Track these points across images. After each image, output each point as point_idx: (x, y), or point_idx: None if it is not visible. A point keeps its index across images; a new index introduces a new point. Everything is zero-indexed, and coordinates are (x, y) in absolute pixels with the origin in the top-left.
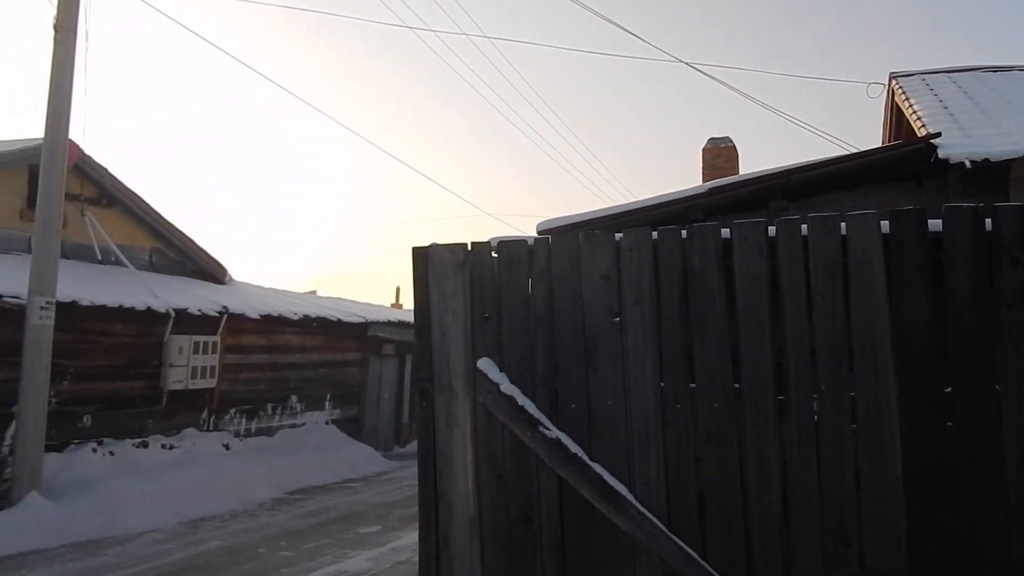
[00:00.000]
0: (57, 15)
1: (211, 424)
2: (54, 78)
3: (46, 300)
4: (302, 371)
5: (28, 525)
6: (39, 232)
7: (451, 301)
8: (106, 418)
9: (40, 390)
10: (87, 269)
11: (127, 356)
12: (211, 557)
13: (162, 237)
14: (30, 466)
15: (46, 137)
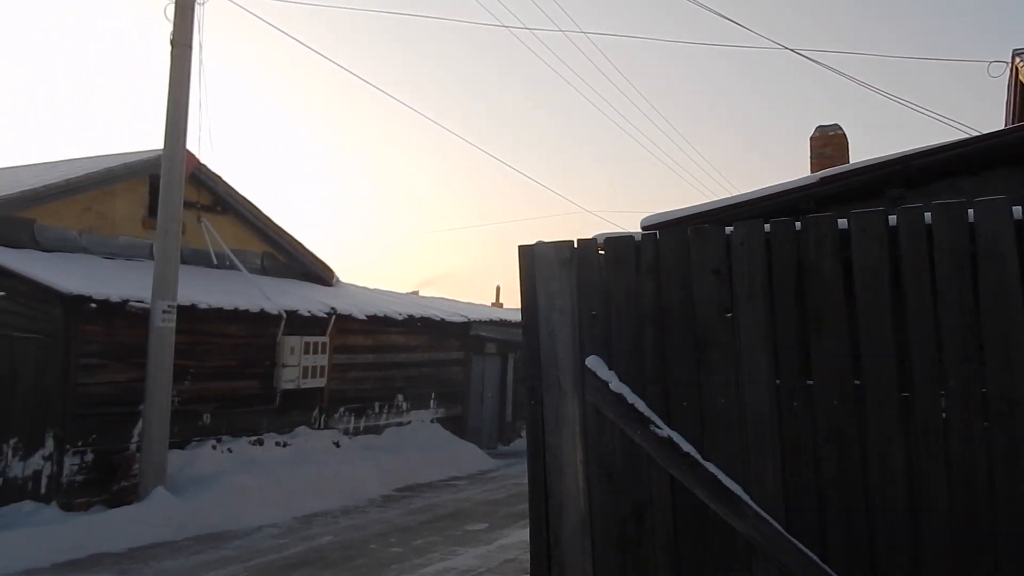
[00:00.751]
0: (174, 31)
1: (322, 422)
2: (172, 91)
3: (168, 304)
4: (407, 370)
5: (155, 518)
6: (160, 239)
7: (558, 299)
8: (224, 416)
9: (164, 389)
10: (204, 273)
11: (242, 356)
12: (325, 552)
13: (273, 241)
14: (156, 462)
15: (165, 148)
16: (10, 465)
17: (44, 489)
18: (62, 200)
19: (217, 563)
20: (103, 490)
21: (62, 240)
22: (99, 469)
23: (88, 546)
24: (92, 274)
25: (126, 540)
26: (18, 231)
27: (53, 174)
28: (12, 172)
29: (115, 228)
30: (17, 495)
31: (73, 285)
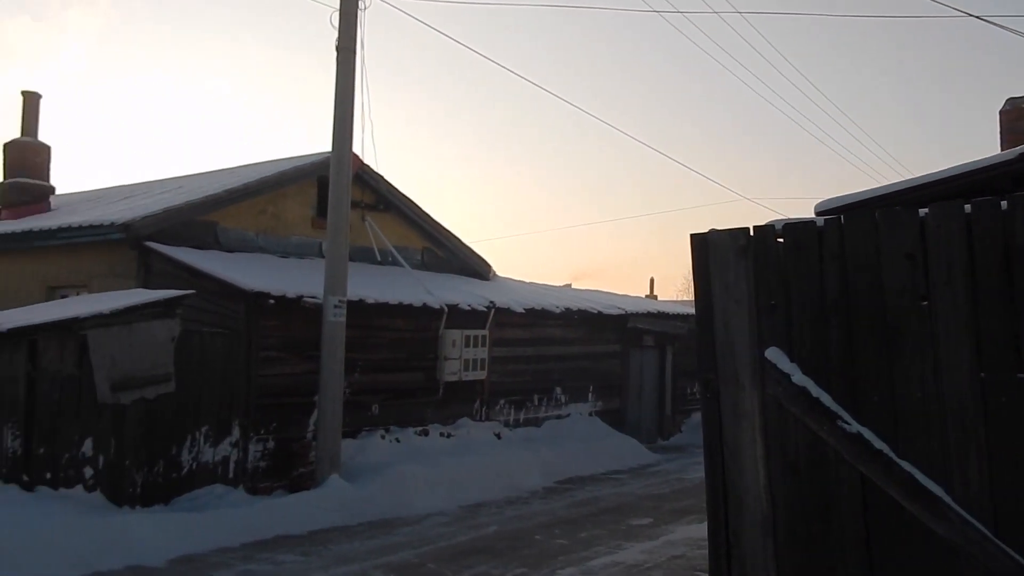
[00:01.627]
0: (339, 37)
1: (483, 414)
2: (338, 95)
3: (339, 299)
4: (565, 363)
5: (331, 504)
6: (330, 238)
7: (734, 289)
8: (391, 407)
9: (336, 381)
10: (368, 270)
11: (407, 350)
12: (491, 541)
13: (432, 238)
14: (331, 450)
15: (333, 150)
16: (202, 451)
17: (232, 474)
18: (240, 203)
19: (389, 548)
20: (283, 476)
21: (241, 241)
22: (279, 456)
23: (272, 528)
24: (269, 272)
25: (305, 524)
26: (203, 233)
27: (232, 179)
28: (196, 179)
29: (288, 228)
30: (209, 479)
31: (253, 283)
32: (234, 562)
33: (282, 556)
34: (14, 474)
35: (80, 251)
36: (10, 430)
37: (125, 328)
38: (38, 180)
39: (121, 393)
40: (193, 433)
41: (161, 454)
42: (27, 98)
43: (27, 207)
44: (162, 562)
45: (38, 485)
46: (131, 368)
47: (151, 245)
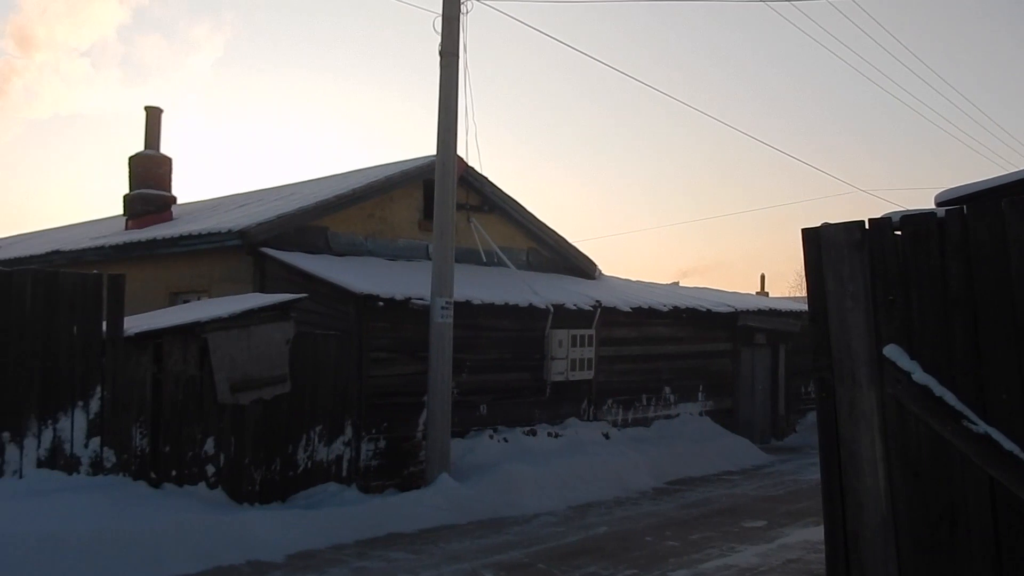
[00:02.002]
0: (442, 42)
1: (591, 414)
2: (442, 99)
3: (446, 301)
4: (673, 362)
5: (440, 502)
6: (436, 240)
7: (849, 284)
8: (499, 407)
9: (445, 381)
10: (474, 271)
11: (514, 349)
12: (601, 542)
13: (537, 238)
14: (440, 449)
15: (438, 154)
16: (316, 450)
17: (345, 472)
18: (350, 208)
19: (499, 547)
20: (394, 474)
21: (351, 244)
22: (390, 455)
23: (384, 526)
24: (378, 275)
25: (416, 522)
26: (315, 238)
27: (341, 185)
28: (307, 186)
29: (395, 231)
30: (323, 477)
31: (363, 285)
32: (348, 559)
33: (394, 553)
34: (142, 471)
35: (200, 257)
36: (138, 429)
37: (243, 331)
38: (160, 191)
39: (240, 394)
40: (308, 432)
41: (278, 453)
42: (150, 113)
43: (151, 216)
44: (281, 557)
45: (164, 482)
46: (249, 369)
47: (266, 251)
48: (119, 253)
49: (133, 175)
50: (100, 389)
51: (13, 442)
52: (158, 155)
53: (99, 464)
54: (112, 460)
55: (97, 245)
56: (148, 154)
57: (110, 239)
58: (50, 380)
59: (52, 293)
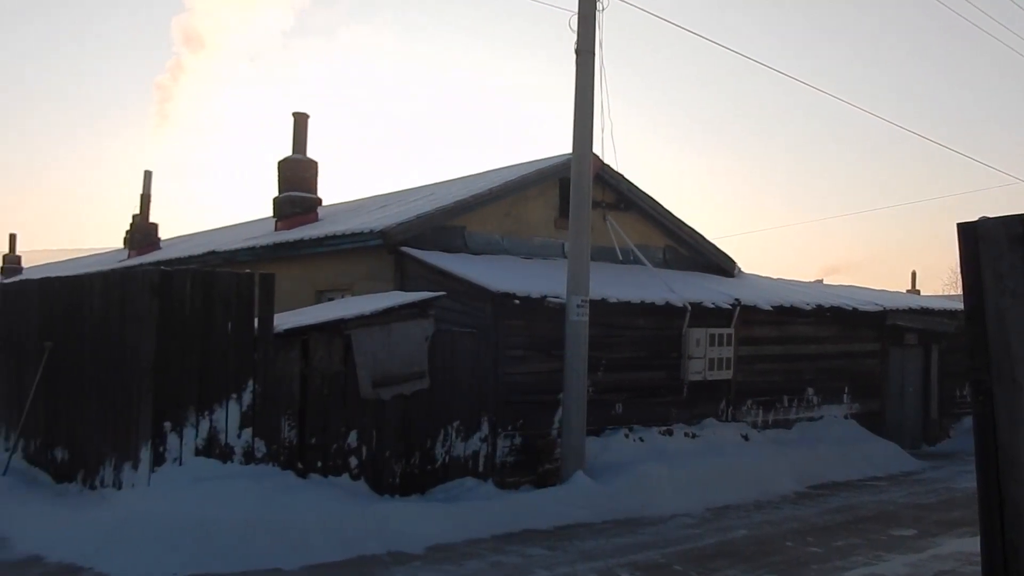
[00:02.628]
0: (578, 40)
1: (729, 414)
2: (578, 97)
3: (581, 299)
4: (817, 363)
5: (576, 500)
6: (572, 238)
7: (1008, 281)
8: (634, 406)
9: (580, 379)
10: (610, 269)
11: (649, 348)
12: (739, 546)
13: (674, 235)
14: (575, 448)
15: (574, 152)
16: (454, 445)
17: (481, 468)
18: (486, 208)
19: (634, 547)
20: (529, 471)
21: (487, 243)
22: (525, 452)
23: (519, 522)
24: (514, 273)
25: (551, 519)
26: (452, 237)
27: (478, 185)
28: (445, 186)
29: (530, 230)
30: (460, 472)
31: (499, 284)
32: (485, 553)
33: (530, 549)
34: (291, 461)
35: (343, 257)
36: (287, 421)
37: (384, 328)
38: (307, 193)
39: (381, 389)
40: (446, 428)
41: (417, 447)
42: (297, 119)
43: (297, 218)
44: (420, 549)
45: (311, 472)
46: (390, 366)
47: (405, 250)
48: (269, 253)
49: (282, 178)
50: (252, 383)
51: (174, 431)
52: (305, 159)
53: (251, 454)
54: (263, 450)
55: (249, 246)
56: (295, 158)
57: (261, 240)
58: (207, 374)
59: (209, 292)
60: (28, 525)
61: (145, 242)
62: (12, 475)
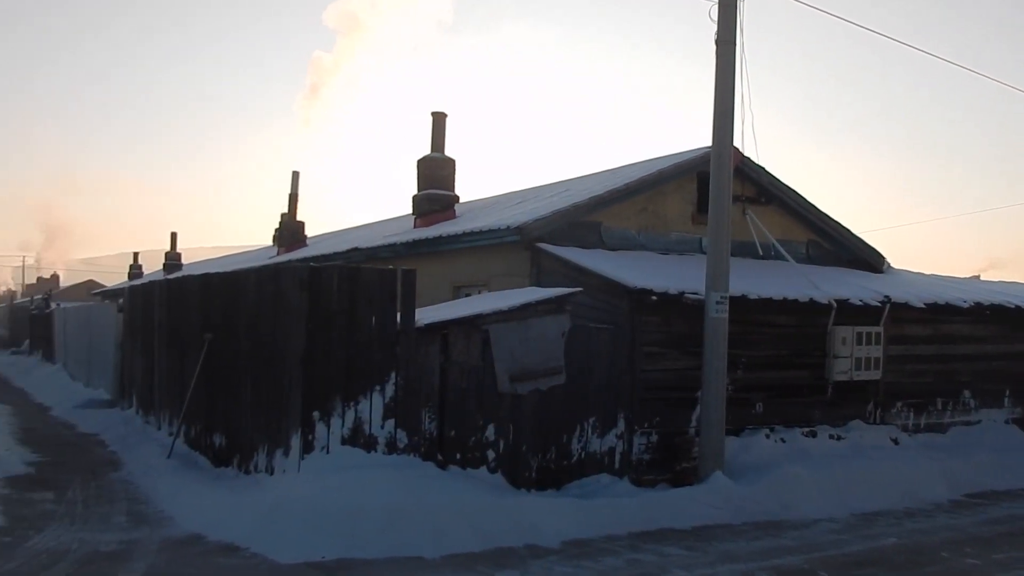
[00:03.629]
0: (718, 30)
1: (877, 417)
2: (718, 89)
3: (720, 295)
4: (974, 364)
5: (714, 501)
6: (711, 233)
7: None
8: (775, 406)
9: (719, 377)
10: (750, 264)
11: (791, 346)
12: (889, 554)
13: (817, 229)
14: (714, 447)
15: (713, 144)
16: (590, 441)
17: (617, 464)
18: (622, 203)
19: (776, 551)
20: (666, 470)
21: (623, 239)
22: (662, 450)
23: (656, 520)
24: (650, 269)
25: (688, 519)
26: (588, 233)
27: (614, 180)
28: (580, 181)
29: (667, 225)
30: (596, 468)
31: (636, 280)
32: (621, 550)
33: (667, 548)
34: (430, 453)
35: (480, 253)
36: (427, 413)
37: (521, 324)
38: (445, 190)
39: (518, 384)
40: (581, 423)
41: (553, 442)
42: (436, 118)
43: (436, 215)
44: (556, 543)
45: (450, 464)
46: (527, 361)
47: (541, 246)
48: (408, 250)
49: (421, 176)
50: (394, 376)
51: (322, 421)
52: (443, 157)
53: (393, 444)
54: (404, 441)
55: (389, 243)
56: (434, 157)
57: (400, 237)
58: (352, 366)
59: (354, 287)
60: (190, 505)
61: (293, 239)
62: (175, 458)
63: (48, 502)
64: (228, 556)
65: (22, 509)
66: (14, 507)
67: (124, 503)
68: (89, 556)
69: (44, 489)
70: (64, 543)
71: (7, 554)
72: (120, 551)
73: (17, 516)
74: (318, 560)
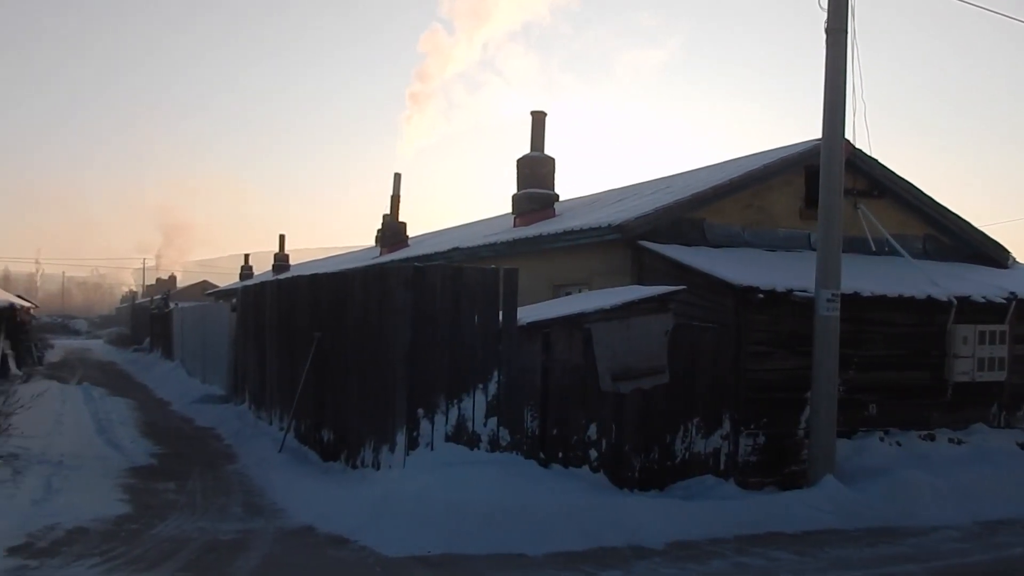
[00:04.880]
0: (828, 19)
1: (1001, 420)
2: (828, 79)
3: (831, 293)
4: None
5: (825, 505)
6: (821, 228)
7: None
8: (890, 408)
9: (830, 378)
10: (862, 260)
11: (908, 346)
12: (1017, 565)
13: (935, 223)
14: (824, 449)
15: (823, 136)
16: (694, 441)
17: (722, 466)
18: (726, 199)
19: (892, 559)
20: (773, 472)
21: (727, 236)
22: (769, 452)
23: (763, 524)
24: (756, 266)
25: (797, 523)
26: (690, 230)
27: (717, 176)
28: (682, 178)
29: (774, 221)
30: (700, 469)
31: (741, 277)
32: (728, 553)
33: (775, 553)
34: (533, 451)
35: (580, 252)
36: (529, 412)
37: (623, 323)
38: (544, 189)
39: (620, 383)
40: (685, 424)
41: (656, 442)
42: (535, 117)
43: (535, 213)
44: (660, 544)
45: (552, 462)
46: (629, 360)
47: (643, 244)
48: (508, 249)
49: (520, 176)
50: (497, 374)
51: (426, 418)
52: (542, 156)
53: (495, 442)
54: (507, 439)
55: (490, 242)
56: (533, 156)
57: (500, 236)
58: (455, 364)
59: (457, 287)
60: (301, 498)
61: (395, 240)
62: (286, 452)
63: (170, 492)
64: (338, 548)
65: (147, 498)
66: (140, 496)
67: (240, 495)
68: (210, 544)
69: (166, 480)
70: (186, 531)
71: (135, 540)
72: (238, 540)
73: (143, 504)
74: (423, 554)
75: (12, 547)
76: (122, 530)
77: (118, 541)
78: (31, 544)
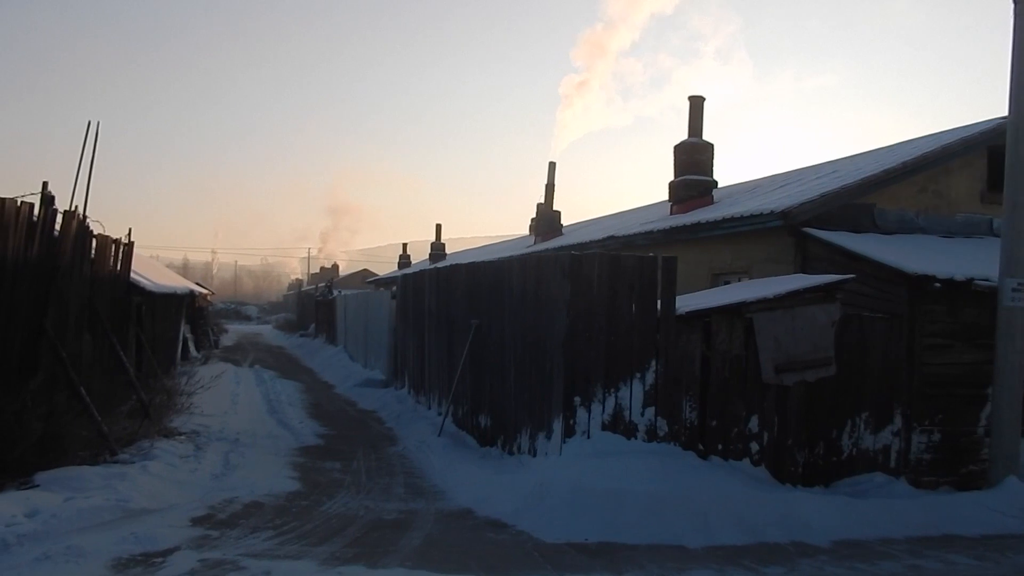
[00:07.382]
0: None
1: None
2: (1016, 52)
3: (1018, 282)
4: None
5: (1007, 508)
6: (1007, 212)
7: None
8: None
9: (1014, 372)
10: None
11: None
12: None
13: None
14: (1007, 449)
15: (1009, 114)
16: (862, 437)
17: (893, 463)
18: (899, 183)
19: None
20: (949, 471)
21: (900, 221)
22: (945, 450)
23: (939, 526)
24: (932, 254)
25: (976, 526)
26: (859, 216)
27: (889, 159)
28: (849, 162)
29: (951, 206)
30: (868, 466)
31: (915, 265)
32: (900, 554)
33: (953, 556)
34: (691, 442)
35: (740, 239)
36: (687, 402)
37: (787, 312)
38: (702, 176)
39: (783, 374)
40: (852, 418)
41: (821, 436)
42: (693, 102)
43: (693, 201)
44: (826, 543)
45: (710, 454)
46: (793, 351)
47: (807, 231)
48: (665, 237)
49: (677, 162)
50: (655, 363)
51: (583, 406)
52: (701, 142)
53: (653, 432)
54: (664, 429)
55: (646, 230)
56: (691, 142)
57: (657, 224)
58: (612, 353)
59: (614, 275)
60: (460, 482)
61: (549, 228)
62: (445, 436)
63: (336, 471)
64: (496, 531)
65: (316, 476)
66: (309, 474)
67: (402, 476)
68: (374, 523)
69: (333, 459)
70: (352, 509)
71: (305, 516)
72: (401, 520)
73: (312, 482)
74: (581, 541)
75: (195, 517)
76: (293, 506)
77: (290, 516)
78: (212, 515)
